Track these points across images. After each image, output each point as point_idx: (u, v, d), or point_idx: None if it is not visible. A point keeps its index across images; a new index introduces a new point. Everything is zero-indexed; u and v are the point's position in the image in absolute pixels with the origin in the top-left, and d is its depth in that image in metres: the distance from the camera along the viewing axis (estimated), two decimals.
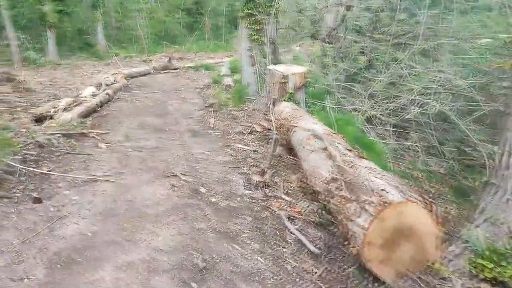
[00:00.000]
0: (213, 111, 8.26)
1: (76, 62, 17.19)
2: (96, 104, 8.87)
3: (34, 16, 17.48)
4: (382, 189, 2.50)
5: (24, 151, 5.56)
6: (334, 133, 3.99)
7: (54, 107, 8.22)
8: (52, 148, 5.98)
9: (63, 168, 5.33)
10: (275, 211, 3.91)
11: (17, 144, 5.50)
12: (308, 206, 3.83)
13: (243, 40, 8.25)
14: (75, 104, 8.68)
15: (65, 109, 8.18)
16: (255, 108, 7.29)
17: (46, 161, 5.51)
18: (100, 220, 3.87)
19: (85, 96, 9.71)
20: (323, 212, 3.57)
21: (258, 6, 7.74)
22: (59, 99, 9.58)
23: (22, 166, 4.93)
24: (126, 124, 7.74)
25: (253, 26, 7.90)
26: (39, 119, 7.77)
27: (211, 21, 23.71)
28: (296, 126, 4.80)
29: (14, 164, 4.89)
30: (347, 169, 2.93)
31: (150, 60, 18.20)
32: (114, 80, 11.90)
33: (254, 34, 7.94)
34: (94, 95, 9.83)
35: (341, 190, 2.83)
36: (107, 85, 10.99)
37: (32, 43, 15.97)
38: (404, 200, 2.38)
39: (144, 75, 14.58)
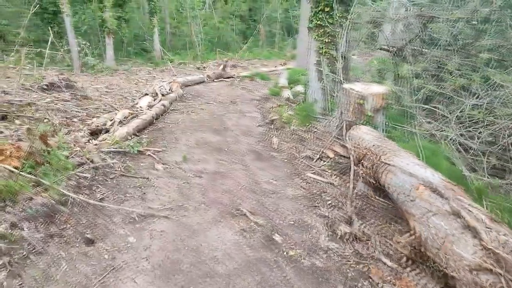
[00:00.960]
0: (275, 129, 7.49)
1: (132, 68, 17.03)
2: (152, 117, 8.34)
3: (94, 22, 17.53)
4: None
5: (78, 173, 5.02)
6: (454, 184, 3.07)
7: (110, 120, 7.76)
8: (107, 169, 5.41)
9: (117, 195, 4.72)
10: (377, 283, 3.03)
11: (72, 167, 4.96)
12: (426, 284, 2.92)
13: (310, 54, 7.42)
14: (131, 116, 8.20)
15: (121, 122, 7.70)
16: (326, 130, 6.42)
17: (100, 185, 4.93)
18: (160, 277, 3.16)
19: (141, 107, 9.24)
20: None
21: (329, 17, 6.87)
22: (115, 109, 9.16)
23: (75, 195, 4.35)
24: (183, 141, 7.11)
25: (323, 39, 7.05)
26: (94, 132, 7.31)
27: (265, 28, 23.05)
28: (389, 165, 3.90)
29: (67, 193, 4.32)
30: (506, 258, 2.04)
31: (204, 67, 17.77)
32: (170, 89, 11.42)
33: (323, 47, 7.09)
34: (150, 106, 9.34)
35: None
36: (162, 94, 10.51)
37: (91, 49, 15.90)
38: None
39: (198, 83, 14.08)
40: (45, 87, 11.04)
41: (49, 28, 15.10)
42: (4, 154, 4.73)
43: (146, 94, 11.16)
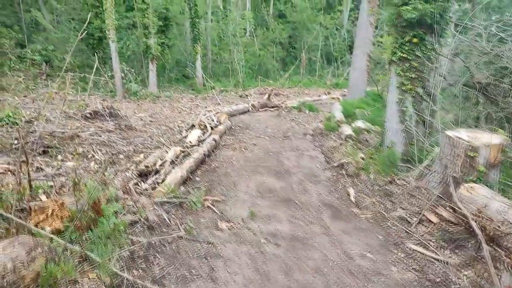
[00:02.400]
0: (347, 175, 6.32)
1: (174, 94, 16.32)
2: (204, 154, 7.36)
3: (138, 48, 17.03)
4: None
5: (131, 237, 4.01)
6: None
7: (161, 159, 6.80)
8: (164, 229, 4.38)
9: (180, 270, 3.65)
10: None
11: (124, 227, 3.94)
12: None
13: (390, 90, 6.29)
14: (183, 154, 7.22)
15: (172, 162, 6.73)
16: (420, 184, 5.20)
17: (157, 254, 3.89)
18: None
19: (190, 142, 8.29)
20: None
21: (418, 49, 5.75)
22: (164, 144, 8.23)
23: (130, 277, 3.30)
24: (242, 186, 6.05)
25: (408, 74, 5.91)
26: (143, 173, 6.36)
27: (306, 55, 22.11)
28: None
29: (120, 273, 3.28)
30: None
31: (246, 95, 16.88)
32: (218, 121, 10.49)
33: (408, 84, 5.94)
34: (200, 141, 8.38)
35: None
36: (211, 127, 9.57)
37: (134, 75, 15.30)
38: None
39: (243, 113, 13.16)
40: (89, 115, 10.32)
41: (95, 53, 14.61)
42: (46, 212, 3.77)
43: (193, 126, 10.26)
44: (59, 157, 7.12)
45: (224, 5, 20.98)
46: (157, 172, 6.43)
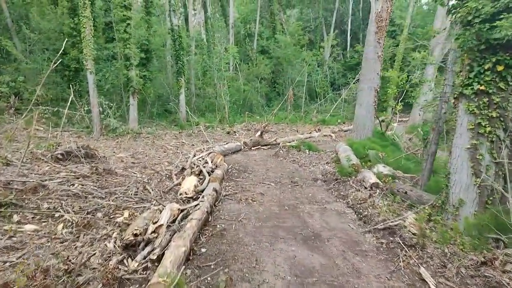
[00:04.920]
0: (405, 244, 4.58)
1: (156, 131, 14.38)
2: (207, 212, 5.50)
3: (117, 81, 15.08)
4: None
5: None
6: None
7: (153, 222, 4.86)
8: None
9: None
10: None
11: None
12: None
13: (459, 133, 4.70)
14: (181, 215, 5.30)
15: (169, 226, 4.81)
16: None
17: None
18: None
19: (186, 193, 6.43)
20: None
21: (502, 80, 4.25)
22: (155, 199, 6.27)
23: None
24: (268, 264, 4.21)
25: (487, 112, 4.37)
26: (131, 245, 4.42)
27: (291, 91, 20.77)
28: None
29: None
30: None
31: (234, 132, 15.15)
32: (213, 164, 8.64)
33: (487, 125, 4.38)
34: (198, 191, 6.51)
35: None
36: (208, 173, 7.69)
37: (113, 109, 13.31)
38: None
39: (236, 151, 11.41)
40: (60, 156, 8.25)
41: (70, 86, 12.59)
42: None
43: (184, 169, 8.38)
44: (15, 217, 5.10)
45: (208, 39, 19.50)
46: (148, 242, 4.51)
